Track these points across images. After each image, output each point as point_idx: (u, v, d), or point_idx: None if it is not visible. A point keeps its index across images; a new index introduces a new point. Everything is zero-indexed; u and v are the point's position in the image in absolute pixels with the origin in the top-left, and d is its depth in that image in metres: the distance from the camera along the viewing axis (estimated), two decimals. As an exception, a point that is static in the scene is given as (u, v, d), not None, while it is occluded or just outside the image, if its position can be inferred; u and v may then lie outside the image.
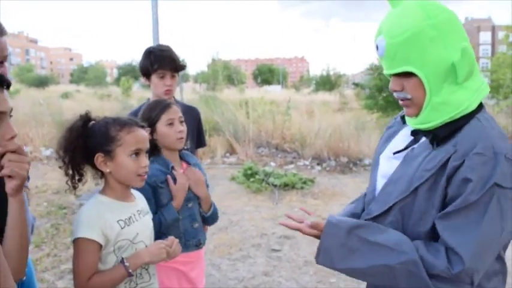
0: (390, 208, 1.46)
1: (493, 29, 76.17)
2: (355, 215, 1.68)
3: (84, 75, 71.22)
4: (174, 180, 2.18)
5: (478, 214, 1.28)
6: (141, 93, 35.64)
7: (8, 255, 1.22)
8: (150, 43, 7.13)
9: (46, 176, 8.27)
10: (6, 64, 1.71)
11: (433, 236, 1.39)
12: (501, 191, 1.28)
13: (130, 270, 1.65)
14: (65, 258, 4.50)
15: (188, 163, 2.34)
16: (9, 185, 1.29)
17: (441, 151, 1.38)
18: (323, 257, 1.50)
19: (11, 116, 1.29)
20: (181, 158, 2.34)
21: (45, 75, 67.99)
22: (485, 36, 76.58)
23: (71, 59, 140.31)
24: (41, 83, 53.90)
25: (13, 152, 1.26)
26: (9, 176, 1.26)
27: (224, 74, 38.36)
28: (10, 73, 1.93)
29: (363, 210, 1.65)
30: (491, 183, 1.27)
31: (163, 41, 10.53)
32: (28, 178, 1.86)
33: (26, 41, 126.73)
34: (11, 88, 1.36)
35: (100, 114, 1.81)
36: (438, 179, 1.36)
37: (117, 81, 58.57)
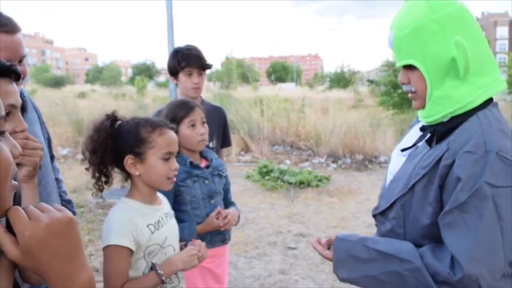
0: (393, 204, 1.49)
1: (510, 24, 75.02)
2: None
3: (99, 75, 71.90)
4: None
5: (474, 218, 1.26)
6: (155, 92, 35.80)
7: None
8: (164, 43, 7.18)
9: (63, 175, 8.32)
10: (25, 62, 1.64)
11: (431, 231, 1.39)
12: (494, 190, 1.25)
13: (163, 278, 1.61)
14: (83, 256, 4.54)
15: (207, 159, 2.34)
16: (22, 173, 1.28)
17: (437, 149, 1.39)
18: (339, 270, 1.52)
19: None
20: (201, 154, 2.34)
21: (61, 76, 68.79)
22: (502, 31, 75.48)
23: (86, 59, 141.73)
24: (57, 83, 54.54)
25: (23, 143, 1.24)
26: (20, 164, 1.25)
27: (238, 72, 38.39)
28: (28, 73, 1.86)
29: None
30: (481, 183, 1.24)
31: (177, 40, 10.57)
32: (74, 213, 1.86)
33: (42, 41, 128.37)
34: (29, 88, 1.35)
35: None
36: (432, 177, 1.36)
37: (131, 80, 59.13)
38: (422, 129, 1.53)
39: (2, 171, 0.74)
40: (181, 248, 1.80)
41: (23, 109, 1.70)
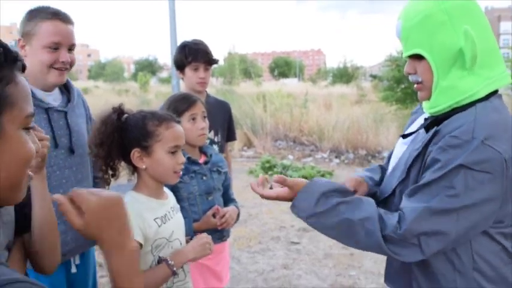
0: (394, 191, 1.51)
1: (514, 18, 74.56)
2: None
3: (102, 71, 72.01)
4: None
5: (438, 187, 1.29)
6: (158, 88, 35.80)
7: (42, 237, 1.20)
8: (166, 38, 7.17)
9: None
10: (74, 51, 1.95)
11: None
12: (468, 171, 1.25)
13: (175, 269, 1.60)
14: (87, 251, 4.57)
15: (206, 155, 2.32)
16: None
17: (429, 134, 1.41)
18: (296, 208, 1.52)
19: None
20: (200, 149, 2.33)
21: (64, 72, 68.62)
22: (505, 26, 75.03)
23: (89, 55, 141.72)
24: (60, 79, 54.49)
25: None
26: None
27: (241, 67, 38.29)
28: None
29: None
30: (456, 164, 1.26)
31: (180, 36, 10.57)
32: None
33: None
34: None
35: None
36: (422, 161, 1.39)
37: (134, 76, 59.13)
38: (426, 119, 1.54)
39: (25, 160, 0.84)
40: (187, 242, 1.79)
41: (68, 99, 2.00)
